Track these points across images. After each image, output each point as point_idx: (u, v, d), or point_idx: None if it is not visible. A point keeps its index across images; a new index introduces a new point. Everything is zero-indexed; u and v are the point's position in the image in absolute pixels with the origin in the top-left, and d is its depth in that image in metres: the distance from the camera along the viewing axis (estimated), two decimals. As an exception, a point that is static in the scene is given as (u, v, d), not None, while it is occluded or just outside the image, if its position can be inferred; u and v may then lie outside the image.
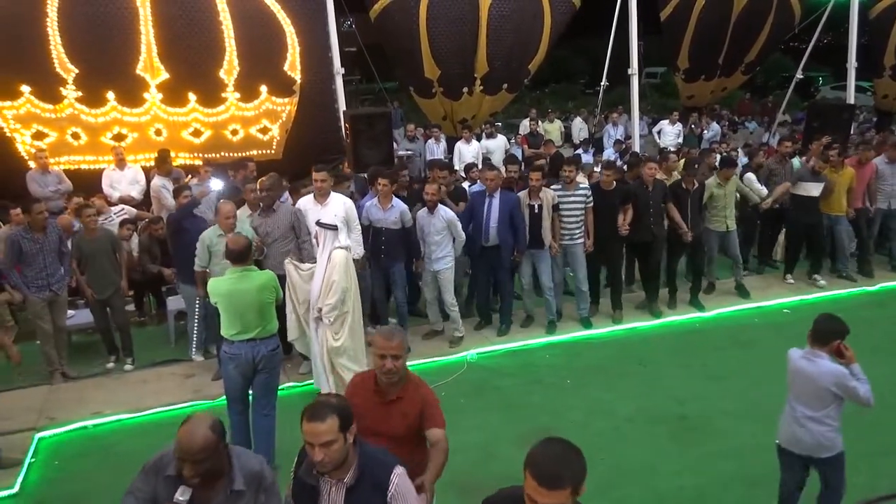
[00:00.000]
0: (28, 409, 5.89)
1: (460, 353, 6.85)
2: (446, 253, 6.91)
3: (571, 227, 7.25)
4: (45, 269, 6.27)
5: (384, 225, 6.73)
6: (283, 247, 6.33)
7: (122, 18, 9.05)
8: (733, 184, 8.07)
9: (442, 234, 6.82)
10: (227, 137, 9.88)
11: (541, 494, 2.01)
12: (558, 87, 30.91)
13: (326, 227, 5.74)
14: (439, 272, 6.92)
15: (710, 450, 5.13)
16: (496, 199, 6.97)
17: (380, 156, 8.29)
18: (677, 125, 14.26)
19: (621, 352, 6.92)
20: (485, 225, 7.00)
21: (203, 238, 6.17)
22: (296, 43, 9.91)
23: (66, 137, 9.24)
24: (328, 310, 5.64)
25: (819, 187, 8.17)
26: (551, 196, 7.13)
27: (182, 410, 5.84)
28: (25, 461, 5.12)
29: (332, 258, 5.66)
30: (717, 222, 8.05)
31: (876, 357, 6.54)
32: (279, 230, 6.33)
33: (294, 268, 6.03)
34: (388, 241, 6.76)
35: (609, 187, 7.34)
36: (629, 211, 7.37)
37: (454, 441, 5.19)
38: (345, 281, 5.68)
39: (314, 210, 6.31)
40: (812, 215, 8.32)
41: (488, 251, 7.10)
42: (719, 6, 14.17)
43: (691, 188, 7.67)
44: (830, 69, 25.47)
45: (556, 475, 2.01)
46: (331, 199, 6.37)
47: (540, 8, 11.63)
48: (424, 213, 6.86)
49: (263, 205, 6.42)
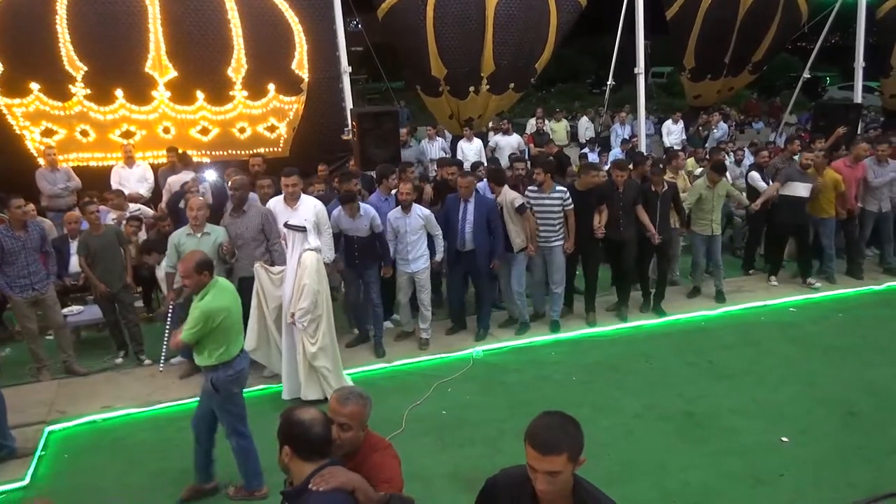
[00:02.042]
0: (39, 402, 5.93)
1: (466, 350, 6.87)
2: (423, 252, 6.82)
3: (547, 230, 7.10)
4: (27, 268, 6.12)
5: (355, 234, 6.62)
6: (254, 249, 6.23)
7: (131, 17, 9.13)
8: (723, 187, 7.90)
9: (419, 234, 6.74)
10: (235, 135, 9.94)
11: (538, 461, 2.09)
12: (565, 86, 30.96)
13: (295, 228, 5.64)
14: (416, 272, 6.83)
15: (717, 447, 5.13)
16: (471, 203, 6.84)
17: (387, 154, 8.30)
18: (679, 123, 14.26)
19: (628, 349, 6.92)
20: (460, 230, 6.86)
21: (171, 238, 6.09)
22: (303, 42, 9.96)
23: (74, 135, 9.32)
24: (301, 314, 5.55)
25: (808, 188, 8.00)
26: (511, 198, 6.95)
27: (190, 405, 5.85)
28: (36, 454, 5.17)
29: (301, 261, 5.56)
30: (702, 225, 7.92)
31: (883, 357, 6.57)
32: (250, 231, 6.23)
33: (265, 271, 5.91)
34: (360, 248, 6.66)
35: (585, 187, 7.21)
36: (604, 212, 7.25)
37: (461, 435, 5.26)
38: (316, 284, 5.58)
39: (284, 213, 6.16)
40: (799, 216, 8.15)
41: (464, 256, 6.97)
42: (726, 5, 14.13)
43: (660, 190, 7.46)
44: (838, 69, 25.39)
45: (551, 441, 2.09)
46: (301, 202, 6.19)
47: (546, 7, 11.63)
48: (398, 213, 6.74)
49: (233, 204, 6.32)
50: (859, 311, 7.76)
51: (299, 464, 2.44)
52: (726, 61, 15.24)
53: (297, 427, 2.45)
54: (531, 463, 2.12)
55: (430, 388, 6.09)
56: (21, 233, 6.10)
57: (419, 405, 5.82)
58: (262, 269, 5.93)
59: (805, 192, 8.01)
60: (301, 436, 2.44)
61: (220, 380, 4.33)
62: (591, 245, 7.38)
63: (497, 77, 11.80)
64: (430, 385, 6.15)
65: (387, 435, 5.22)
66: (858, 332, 7.19)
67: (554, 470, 2.09)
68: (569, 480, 2.17)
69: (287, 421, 2.49)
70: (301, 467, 2.44)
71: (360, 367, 6.58)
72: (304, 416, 2.48)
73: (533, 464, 2.11)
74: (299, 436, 2.44)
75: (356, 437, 2.71)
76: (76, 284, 7.22)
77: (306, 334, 5.68)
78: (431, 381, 6.23)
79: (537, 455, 2.09)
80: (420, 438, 5.31)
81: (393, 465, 2.78)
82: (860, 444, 5.10)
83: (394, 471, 2.74)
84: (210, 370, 4.35)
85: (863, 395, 5.84)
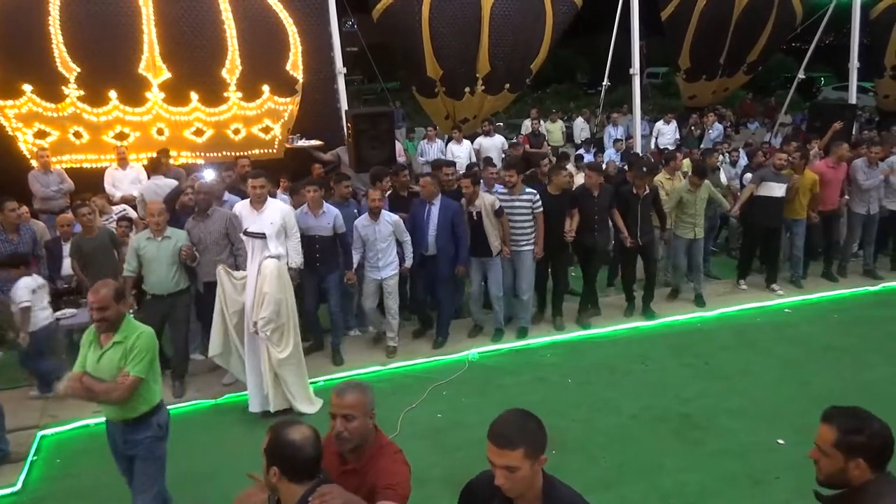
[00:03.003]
0: (31, 407, 5.89)
1: (461, 353, 6.84)
2: (392, 259, 6.67)
3: (517, 233, 6.96)
4: None
5: (317, 232, 6.46)
6: (217, 254, 6.11)
7: (125, 18, 9.06)
8: (705, 190, 7.77)
9: (388, 241, 6.60)
10: (230, 137, 9.87)
11: (495, 455, 2.15)
12: (560, 86, 30.94)
13: (254, 235, 5.52)
14: (386, 279, 6.67)
15: (714, 448, 5.13)
16: (435, 206, 6.69)
17: (382, 155, 8.27)
18: (672, 124, 14.26)
19: (624, 350, 6.91)
20: (424, 233, 6.72)
21: (132, 242, 6.00)
22: (298, 42, 9.90)
23: (68, 136, 9.22)
24: (263, 324, 5.43)
25: (783, 188, 7.84)
26: (490, 201, 6.83)
27: (182, 409, 5.86)
28: (28, 458, 5.13)
29: (262, 269, 5.44)
30: (684, 229, 7.81)
31: (879, 357, 6.57)
32: (212, 236, 6.13)
33: (227, 275, 5.78)
34: (322, 249, 6.50)
35: (558, 190, 7.05)
36: (576, 216, 7.13)
37: (457, 438, 5.23)
38: (278, 292, 5.46)
39: (250, 216, 6.04)
40: (773, 219, 7.97)
41: (428, 261, 6.82)
42: (720, 6, 14.15)
43: (641, 193, 7.34)
44: (832, 69, 25.46)
45: (505, 435, 2.15)
46: (268, 205, 6.05)
47: (542, 8, 11.62)
48: (366, 221, 6.56)
49: (197, 209, 6.23)
50: (856, 312, 7.76)
51: (289, 485, 2.33)
52: (721, 62, 15.28)
53: (289, 448, 2.33)
54: (490, 457, 2.18)
55: (426, 391, 6.07)
56: (14, 236, 6.07)
57: (415, 408, 5.80)
58: (225, 272, 5.78)
59: (780, 192, 7.84)
60: (292, 457, 2.32)
61: (149, 430, 3.83)
62: (562, 249, 7.24)
63: (492, 78, 11.80)
64: (425, 387, 6.13)
65: (382, 438, 5.25)
66: (855, 332, 7.19)
67: (510, 465, 2.13)
68: (531, 478, 2.19)
69: (277, 441, 2.36)
70: (291, 489, 2.33)
71: (358, 368, 6.57)
72: (296, 437, 2.35)
73: (491, 458, 2.17)
74: (290, 457, 2.33)
75: (364, 425, 2.61)
76: (68, 287, 7.16)
77: (271, 343, 5.57)
78: (427, 384, 6.22)
79: (494, 449, 2.15)
80: (416, 441, 5.27)
81: (401, 471, 2.65)
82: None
83: (401, 477, 2.61)
84: (137, 423, 3.79)
85: (859, 395, 5.80)
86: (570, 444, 5.17)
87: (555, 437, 5.12)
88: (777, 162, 7.97)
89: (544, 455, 2.19)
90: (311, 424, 2.45)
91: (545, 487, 2.24)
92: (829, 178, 8.33)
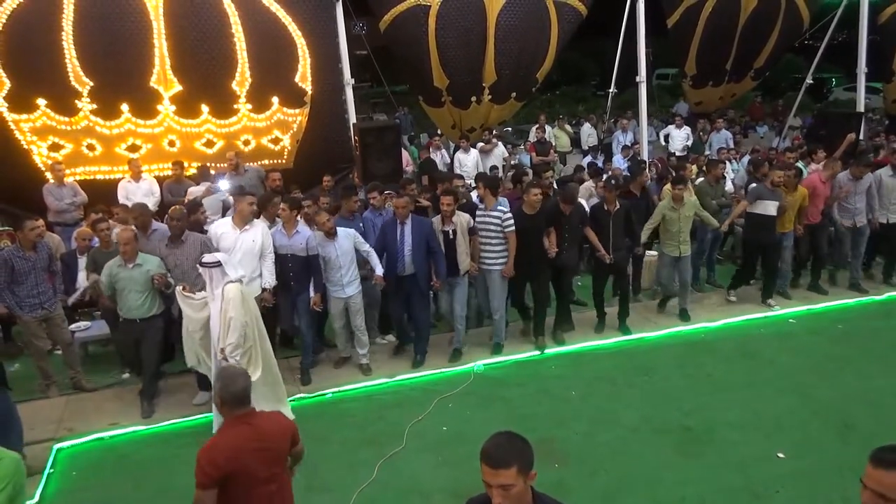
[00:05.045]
0: (47, 419, 6.03)
1: (467, 365, 6.93)
2: (355, 277, 6.63)
3: (487, 250, 6.88)
4: (36, 287, 6.21)
5: (290, 251, 6.44)
6: (196, 277, 6.04)
7: (136, 32, 9.23)
8: (689, 207, 7.63)
9: (349, 257, 6.56)
10: (240, 148, 10.03)
11: (490, 475, 2.29)
12: (568, 89, 30.96)
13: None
14: (351, 297, 6.62)
15: (714, 461, 5.19)
16: (408, 226, 6.63)
17: (388, 168, 8.38)
18: (684, 129, 14.26)
19: (628, 362, 6.97)
20: (399, 254, 6.63)
21: (105, 267, 6.00)
22: (307, 55, 10.05)
23: (81, 149, 9.43)
24: (231, 350, 5.35)
25: (776, 206, 7.81)
26: (465, 220, 6.82)
27: (194, 422, 5.98)
28: (45, 472, 5.27)
29: (225, 294, 5.36)
30: (670, 247, 7.70)
31: (882, 368, 6.61)
32: (189, 261, 6.16)
33: (184, 297, 5.69)
34: (294, 269, 6.48)
35: (533, 210, 6.89)
36: (552, 234, 7.03)
37: (462, 451, 5.33)
38: (242, 315, 5.38)
39: (232, 234, 6.11)
40: (769, 235, 7.92)
41: (404, 281, 6.74)
42: (726, 12, 14.14)
43: (612, 210, 7.30)
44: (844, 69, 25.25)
45: (499, 456, 2.30)
46: (252, 224, 6.14)
47: (547, 17, 11.68)
48: (322, 240, 6.52)
49: (171, 234, 6.28)
50: (859, 322, 7.79)
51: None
52: (728, 68, 15.26)
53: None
54: (485, 479, 2.31)
55: (432, 404, 6.16)
56: (31, 253, 6.19)
57: (420, 420, 5.90)
58: (183, 294, 5.72)
59: (774, 209, 7.82)
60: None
61: None
62: (541, 268, 7.09)
63: (499, 87, 11.87)
64: (431, 400, 6.23)
65: (388, 451, 5.38)
66: (858, 343, 7.23)
67: (506, 483, 2.27)
68: (524, 493, 2.35)
69: None
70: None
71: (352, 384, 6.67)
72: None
73: (487, 479, 2.31)
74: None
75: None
76: (81, 300, 7.30)
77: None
78: (433, 396, 6.31)
79: (489, 470, 2.29)
80: (421, 454, 5.39)
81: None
82: (856, 458, 5.08)
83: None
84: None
85: (860, 407, 5.89)
86: (571, 457, 5.27)
87: (557, 450, 5.30)
88: (774, 179, 7.90)
89: (534, 470, 2.35)
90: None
91: (534, 501, 2.41)
92: (819, 192, 8.35)
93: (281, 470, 3.24)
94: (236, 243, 6.16)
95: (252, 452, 3.05)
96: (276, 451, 3.19)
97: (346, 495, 4.88)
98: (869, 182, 8.49)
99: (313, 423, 5.96)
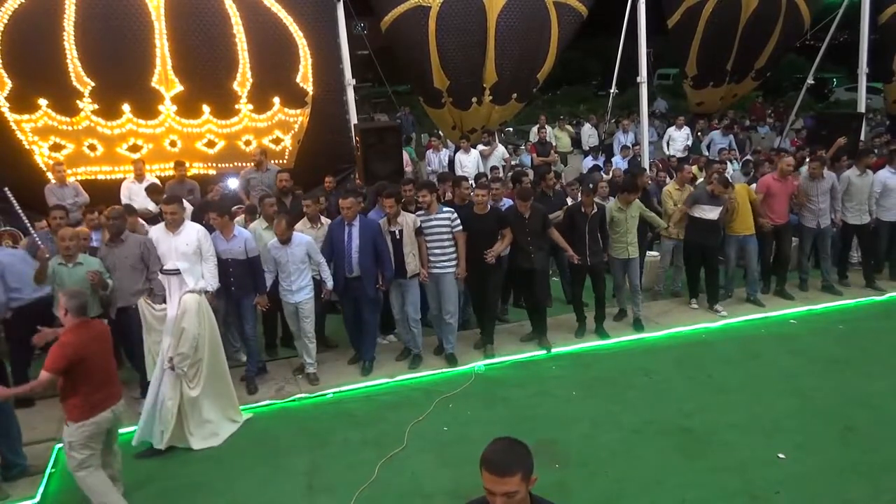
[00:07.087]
0: (49, 419, 6.01)
1: (468, 365, 6.94)
2: (306, 283, 6.57)
3: (436, 253, 6.83)
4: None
5: (230, 256, 6.37)
6: (133, 280, 6.07)
7: (138, 32, 9.25)
8: (635, 208, 7.58)
9: (300, 265, 6.50)
10: (241, 148, 10.06)
11: (495, 483, 2.25)
12: (570, 88, 30.95)
13: (169, 273, 5.39)
14: (300, 303, 6.55)
15: (715, 463, 5.19)
16: (355, 227, 6.56)
17: (389, 169, 8.38)
18: (684, 129, 14.26)
19: (629, 363, 6.97)
20: (347, 255, 6.57)
21: (48, 266, 5.85)
22: (308, 55, 10.06)
23: (82, 149, 9.46)
24: (179, 360, 5.32)
25: (716, 210, 7.79)
26: (412, 220, 6.75)
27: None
28: (46, 471, 5.28)
29: (182, 304, 5.33)
30: (618, 249, 7.60)
31: (882, 369, 6.60)
32: (128, 261, 6.08)
33: (148, 308, 5.67)
34: (235, 273, 6.41)
35: (483, 211, 6.92)
36: (507, 237, 6.99)
37: (462, 452, 5.33)
38: (196, 327, 5.37)
39: (166, 240, 6.08)
40: (709, 238, 7.91)
41: (352, 283, 6.68)
42: (727, 13, 14.12)
43: (589, 212, 7.26)
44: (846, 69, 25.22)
45: (503, 463, 2.26)
46: (184, 227, 6.09)
47: (547, 18, 11.68)
48: (276, 244, 6.47)
49: (109, 234, 6.18)
50: (861, 323, 7.79)
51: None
52: (728, 69, 15.26)
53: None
54: (488, 487, 2.27)
55: (432, 404, 6.16)
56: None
57: (421, 421, 5.90)
58: (146, 304, 5.68)
59: (713, 214, 7.80)
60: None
61: None
62: (490, 272, 7.03)
63: (499, 88, 11.87)
64: (431, 400, 6.23)
65: (389, 452, 5.38)
66: (859, 343, 7.22)
67: (510, 490, 2.24)
68: (526, 499, 2.34)
69: None
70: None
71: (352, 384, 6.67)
72: None
73: (490, 487, 2.26)
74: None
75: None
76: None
77: (186, 379, 5.48)
78: (434, 396, 6.31)
79: (493, 478, 2.25)
80: (422, 455, 5.39)
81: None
82: (857, 460, 5.15)
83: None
84: None
85: (861, 408, 5.89)
86: (572, 459, 5.26)
87: (558, 452, 5.30)
88: (714, 189, 7.81)
89: (535, 475, 2.33)
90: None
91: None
92: (774, 191, 8.31)
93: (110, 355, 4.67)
94: (170, 247, 6.08)
95: (90, 342, 4.42)
96: (106, 342, 4.63)
97: (346, 496, 4.88)
98: (832, 182, 8.47)
99: (314, 423, 5.98)
